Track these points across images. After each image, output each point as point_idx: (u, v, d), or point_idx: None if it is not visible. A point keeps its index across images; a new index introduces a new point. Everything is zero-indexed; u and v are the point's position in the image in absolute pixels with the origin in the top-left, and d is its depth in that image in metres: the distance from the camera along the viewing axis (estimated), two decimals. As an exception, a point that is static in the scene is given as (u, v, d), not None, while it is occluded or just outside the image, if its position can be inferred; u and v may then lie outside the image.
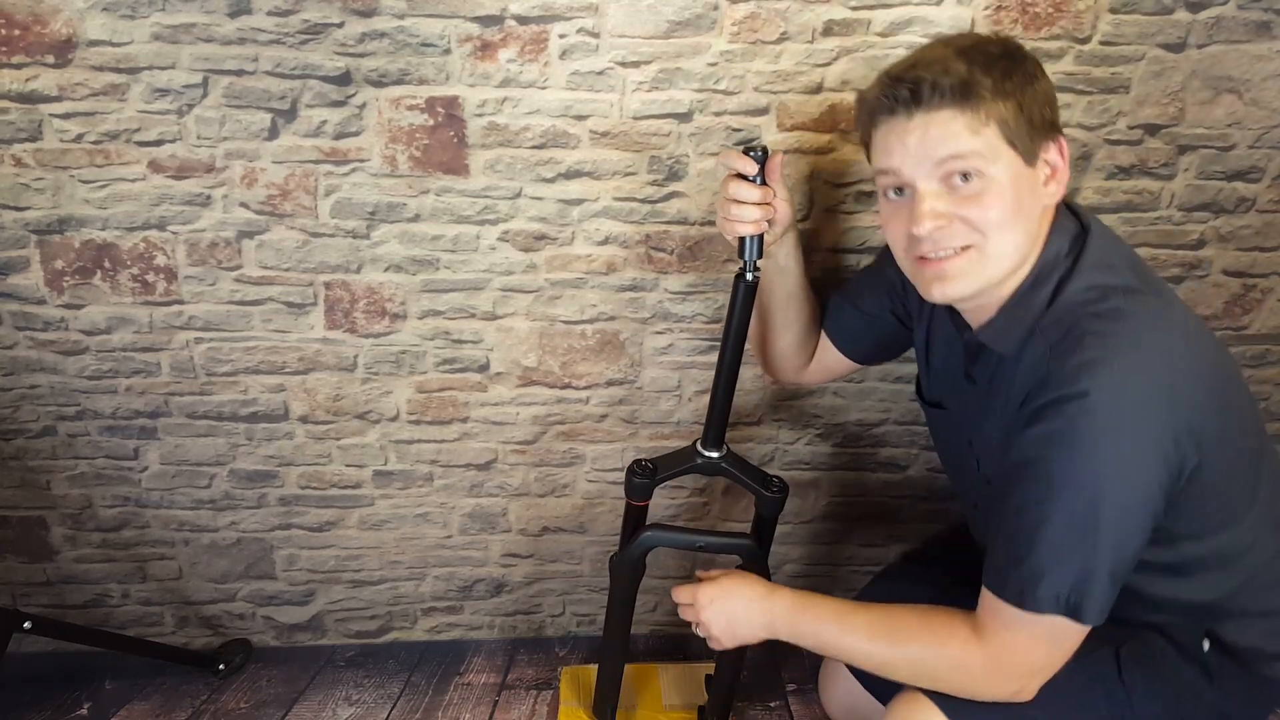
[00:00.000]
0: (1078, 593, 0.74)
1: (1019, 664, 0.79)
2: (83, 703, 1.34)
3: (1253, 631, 0.86)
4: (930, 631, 0.83)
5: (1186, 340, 0.79)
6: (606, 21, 1.06)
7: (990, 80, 0.76)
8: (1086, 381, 0.73)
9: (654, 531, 1.08)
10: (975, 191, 0.78)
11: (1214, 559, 0.83)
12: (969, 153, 0.77)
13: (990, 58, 0.77)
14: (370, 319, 1.22)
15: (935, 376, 1.01)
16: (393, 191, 1.14)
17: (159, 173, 1.11)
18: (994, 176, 0.77)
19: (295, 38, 1.05)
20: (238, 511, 1.35)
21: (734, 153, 0.93)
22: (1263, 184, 1.15)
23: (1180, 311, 0.81)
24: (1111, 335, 0.75)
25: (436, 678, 1.41)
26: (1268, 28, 1.07)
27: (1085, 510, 0.73)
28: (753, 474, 1.07)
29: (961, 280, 0.81)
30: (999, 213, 0.78)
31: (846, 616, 0.89)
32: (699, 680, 1.35)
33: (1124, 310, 0.77)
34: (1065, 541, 0.74)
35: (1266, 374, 1.29)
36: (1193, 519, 0.80)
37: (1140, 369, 0.73)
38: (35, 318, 1.19)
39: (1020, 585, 0.76)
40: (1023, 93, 0.77)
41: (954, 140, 0.77)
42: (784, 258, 1.02)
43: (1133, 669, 0.85)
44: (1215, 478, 0.78)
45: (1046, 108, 0.79)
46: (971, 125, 0.76)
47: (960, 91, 0.76)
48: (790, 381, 1.18)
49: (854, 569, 1.46)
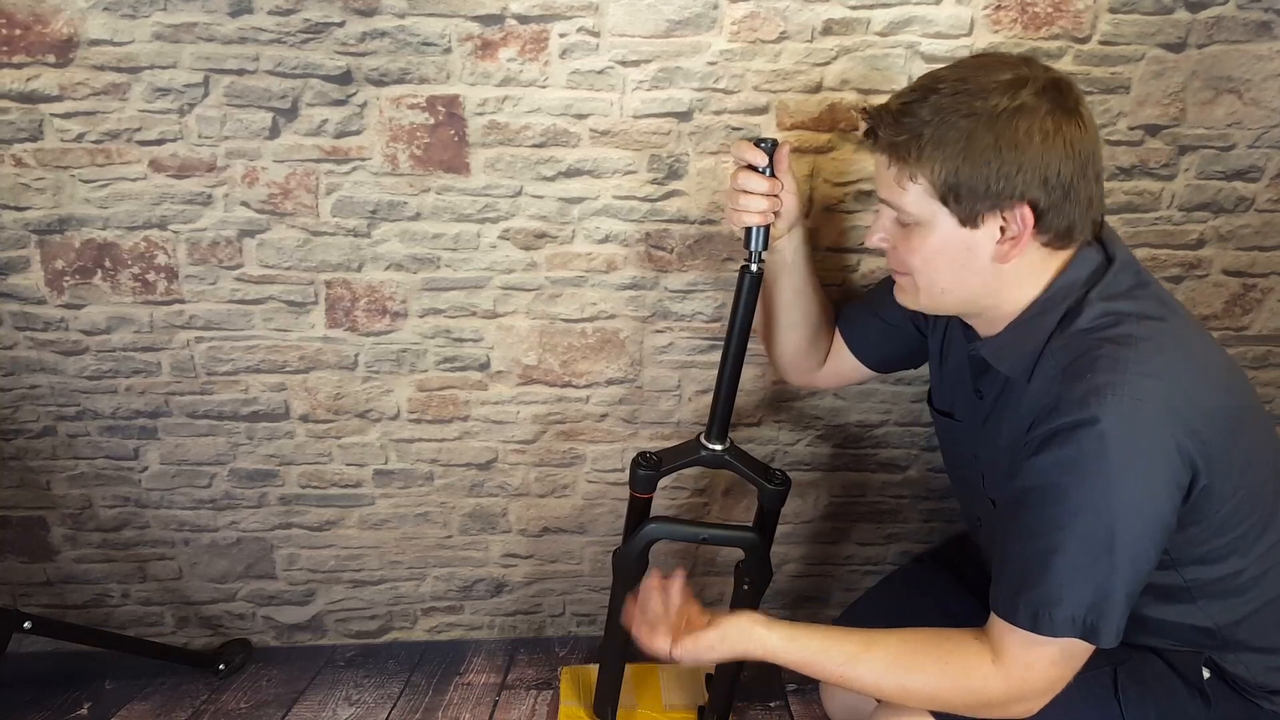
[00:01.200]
0: (1094, 615, 0.74)
1: (1036, 687, 0.78)
2: (83, 703, 1.34)
3: (1256, 665, 0.86)
4: (946, 663, 0.81)
5: (1200, 365, 0.79)
6: (607, 20, 1.06)
7: (926, 142, 0.77)
8: (1096, 407, 0.73)
9: (657, 524, 1.08)
10: (907, 234, 0.83)
11: (1221, 586, 0.83)
12: (893, 201, 0.82)
13: (952, 114, 0.76)
14: (371, 317, 1.22)
15: (946, 386, 1.02)
16: (394, 190, 1.14)
17: (160, 172, 1.12)
18: (923, 228, 0.81)
19: (296, 37, 1.05)
20: (238, 511, 1.35)
21: (744, 144, 0.94)
22: (1262, 183, 1.16)
23: (1199, 338, 0.82)
24: (1122, 360, 0.74)
25: (436, 678, 1.41)
26: (1268, 27, 1.07)
27: (1101, 535, 0.73)
28: (755, 467, 1.07)
29: (908, 295, 0.88)
30: (920, 260, 0.83)
31: (849, 646, 0.84)
32: (699, 680, 1.35)
33: (1136, 335, 0.76)
34: (1080, 566, 0.74)
35: (1268, 376, 1.29)
36: (1199, 544, 0.80)
37: (1149, 393, 0.73)
38: (35, 318, 1.19)
39: (1034, 610, 0.76)
40: (966, 159, 0.76)
41: (886, 188, 0.83)
42: (791, 253, 1.02)
43: (1128, 687, 0.85)
44: (1224, 503, 0.78)
45: (1001, 180, 0.76)
46: (899, 178, 0.80)
47: (890, 148, 0.80)
48: (801, 384, 1.18)
49: (854, 569, 1.46)
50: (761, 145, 0.93)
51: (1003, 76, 0.76)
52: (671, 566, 1.18)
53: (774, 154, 0.94)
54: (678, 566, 0.98)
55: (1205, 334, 0.85)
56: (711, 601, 1.48)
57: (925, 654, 0.82)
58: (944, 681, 0.81)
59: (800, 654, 0.85)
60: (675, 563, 1.43)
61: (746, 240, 0.96)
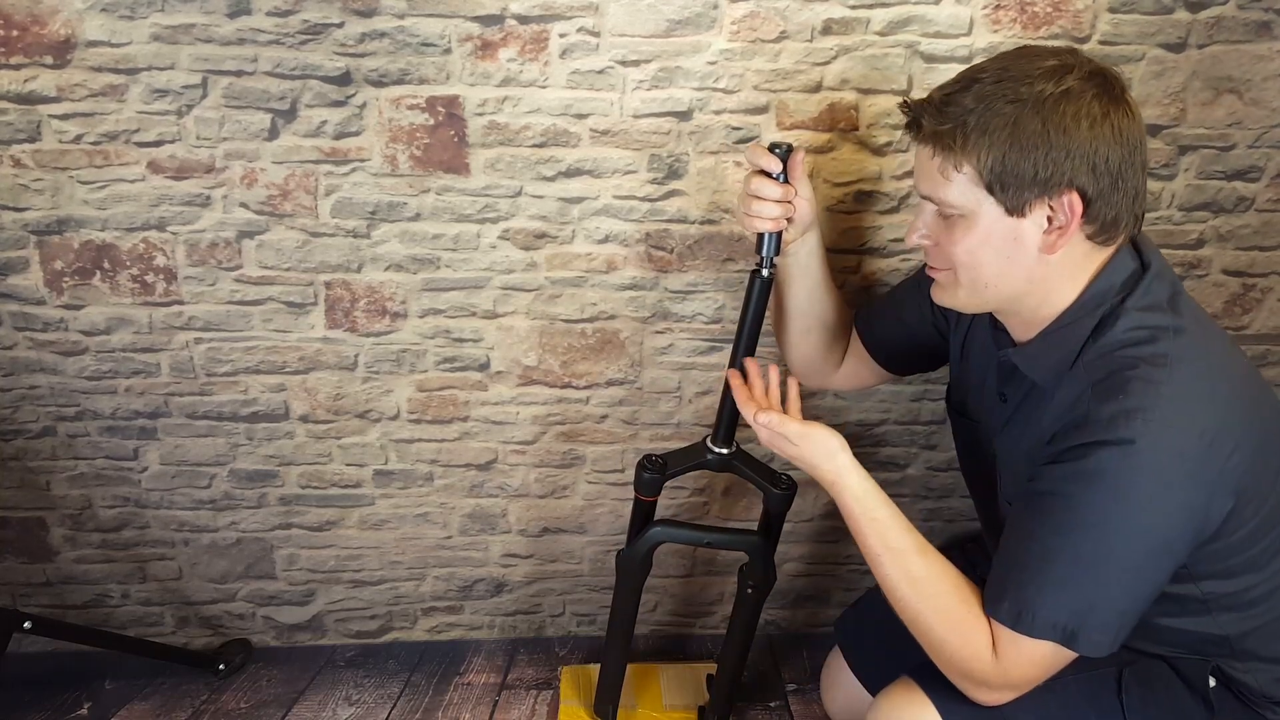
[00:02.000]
0: (1076, 623, 0.75)
1: (1011, 680, 0.79)
2: (83, 703, 1.34)
3: (1264, 675, 0.86)
4: (962, 619, 0.80)
5: (1231, 387, 0.78)
6: (606, 20, 1.06)
7: (972, 130, 0.75)
8: (1128, 430, 0.72)
9: (662, 527, 1.08)
10: (950, 229, 0.81)
11: (1237, 599, 0.83)
12: (940, 195, 0.80)
13: (997, 100, 0.75)
14: (371, 318, 1.22)
15: (967, 388, 1.01)
16: (393, 191, 1.14)
17: (158, 173, 1.11)
18: (968, 220, 0.79)
19: (295, 38, 1.05)
20: (238, 511, 1.35)
21: (759, 149, 0.94)
22: (1262, 183, 1.16)
23: (1230, 355, 0.81)
24: (1156, 383, 0.73)
25: (436, 678, 1.41)
26: (1268, 27, 1.07)
27: (1099, 550, 0.73)
28: (762, 471, 1.07)
29: (947, 293, 0.86)
30: (964, 252, 0.80)
31: (906, 539, 0.84)
32: (700, 680, 1.35)
33: (1172, 356, 0.75)
34: (1070, 576, 0.74)
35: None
36: (1219, 559, 0.80)
37: (1183, 423, 0.73)
38: (35, 318, 1.19)
39: (1017, 609, 0.76)
40: (1013, 145, 0.74)
41: (929, 180, 0.81)
42: (805, 256, 1.02)
43: (1131, 689, 0.85)
44: (1246, 524, 0.78)
45: (1044, 163, 0.74)
46: (944, 169, 0.78)
47: (934, 137, 0.78)
48: (817, 385, 1.18)
49: (854, 569, 1.46)
50: (776, 151, 0.93)
51: (1047, 64, 0.75)
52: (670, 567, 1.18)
53: (789, 160, 0.93)
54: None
55: (1235, 348, 0.84)
56: (712, 601, 1.48)
57: (951, 596, 0.81)
58: (949, 632, 0.80)
59: (864, 505, 0.86)
60: (676, 562, 1.43)
61: (758, 245, 0.96)
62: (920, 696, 0.85)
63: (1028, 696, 0.80)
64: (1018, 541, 0.79)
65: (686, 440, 1.30)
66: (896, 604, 0.84)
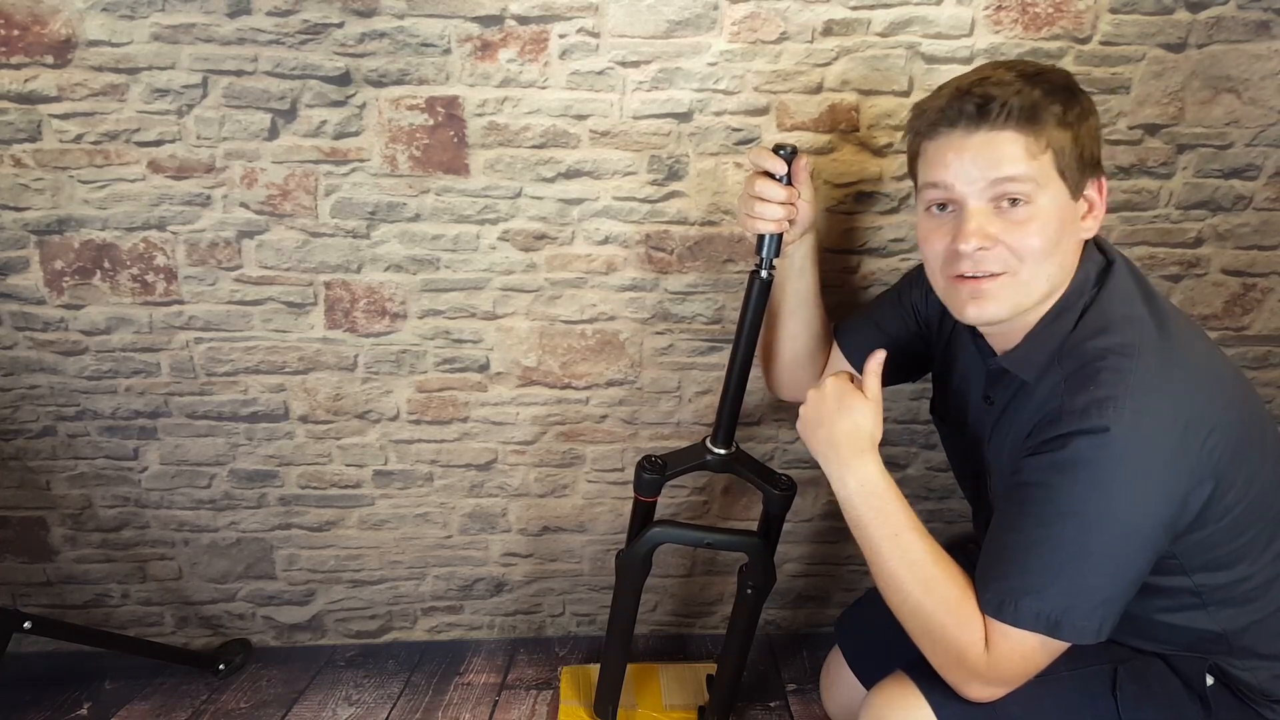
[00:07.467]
0: (1059, 612, 0.75)
1: (1004, 673, 0.79)
2: (83, 703, 1.34)
3: (1262, 673, 0.86)
4: (960, 608, 0.80)
5: (1204, 373, 0.79)
6: (606, 21, 1.06)
7: (1056, 108, 0.77)
8: (1101, 418, 0.73)
9: (662, 528, 1.08)
10: (1022, 218, 0.79)
11: (1230, 592, 0.83)
12: (1023, 176, 0.77)
13: (1054, 86, 0.78)
14: (370, 318, 1.22)
15: (952, 397, 1.02)
16: (393, 191, 1.14)
17: (159, 173, 1.11)
18: (1041, 205, 0.78)
19: (295, 38, 1.05)
20: (238, 511, 1.35)
21: (764, 151, 0.94)
22: (1259, 181, 1.16)
23: (1200, 347, 0.81)
24: (1125, 372, 0.75)
25: (436, 678, 1.41)
26: (1267, 27, 1.07)
27: (1080, 539, 0.74)
28: (761, 472, 1.07)
29: (994, 303, 0.82)
30: (1040, 242, 0.79)
31: (907, 534, 0.84)
32: (700, 680, 1.35)
33: (1140, 347, 0.77)
34: (1053, 565, 0.75)
35: (1269, 376, 1.29)
36: (1207, 549, 0.80)
37: (1155, 409, 0.73)
38: (35, 318, 1.19)
39: (1001, 599, 0.76)
40: (1079, 126, 0.78)
41: (1012, 163, 0.77)
42: (801, 259, 1.02)
43: (1127, 686, 0.85)
44: (1230, 511, 0.78)
45: (1095, 144, 0.80)
46: (1030, 150, 0.77)
47: (1027, 115, 0.77)
48: (795, 398, 1.17)
49: (854, 569, 1.46)
50: (781, 153, 0.93)
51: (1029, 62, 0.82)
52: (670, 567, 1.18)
53: (793, 162, 0.93)
54: None
55: (1204, 337, 0.85)
56: (712, 601, 1.48)
57: (951, 587, 0.81)
58: (947, 615, 0.80)
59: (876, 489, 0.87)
60: (676, 562, 1.43)
61: (759, 246, 0.96)
62: (913, 691, 0.85)
63: (1022, 692, 0.80)
64: (1001, 533, 0.80)
65: (686, 440, 1.30)
66: (896, 592, 0.83)
